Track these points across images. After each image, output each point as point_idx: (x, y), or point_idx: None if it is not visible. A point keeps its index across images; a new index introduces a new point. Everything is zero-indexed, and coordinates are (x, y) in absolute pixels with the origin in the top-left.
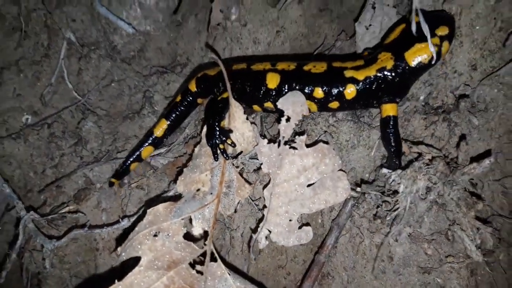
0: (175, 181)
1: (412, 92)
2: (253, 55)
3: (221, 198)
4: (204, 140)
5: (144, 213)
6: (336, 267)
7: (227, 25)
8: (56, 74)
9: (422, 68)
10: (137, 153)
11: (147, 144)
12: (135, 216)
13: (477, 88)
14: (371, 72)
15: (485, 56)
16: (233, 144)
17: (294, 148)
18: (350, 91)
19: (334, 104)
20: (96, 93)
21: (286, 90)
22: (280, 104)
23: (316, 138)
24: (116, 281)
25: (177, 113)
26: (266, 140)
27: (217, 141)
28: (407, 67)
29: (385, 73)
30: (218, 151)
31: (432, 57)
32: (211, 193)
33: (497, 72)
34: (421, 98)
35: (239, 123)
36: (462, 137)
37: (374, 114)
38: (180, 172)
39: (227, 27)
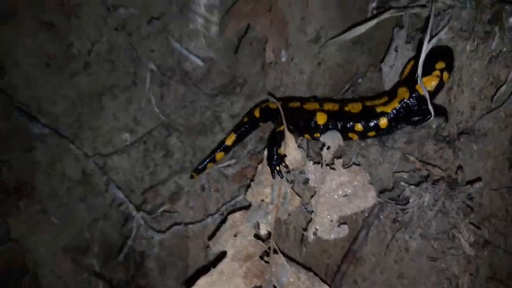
0: (243, 186)
1: (427, 122)
2: (299, 82)
3: (279, 207)
4: (265, 161)
5: (226, 217)
6: (367, 254)
7: (278, 62)
8: (144, 100)
9: (431, 94)
10: (213, 155)
11: (219, 150)
12: (216, 214)
13: (477, 122)
14: (395, 104)
15: (482, 99)
16: (286, 167)
17: (333, 168)
18: (383, 122)
19: (372, 133)
20: (176, 113)
21: (331, 126)
22: (322, 138)
23: (351, 157)
24: (211, 268)
25: (243, 129)
26: (312, 162)
27: (275, 164)
28: (419, 96)
29: (405, 102)
30: (276, 172)
31: (436, 86)
32: (272, 203)
33: (492, 111)
34: (434, 126)
35: (292, 149)
36: (462, 163)
37: (396, 138)
38: (248, 184)
39: (279, 63)
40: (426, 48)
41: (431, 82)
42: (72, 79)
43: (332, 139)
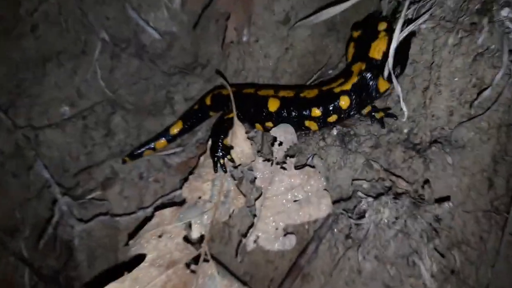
0: (185, 179)
1: (398, 125)
2: (264, 68)
3: (218, 206)
4: (208, 152)
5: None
6: (316, 270)
7: (240, 41)
8: (91, 71)
9: (387, 57)
10: (152, 143)
11: (162, 139)
12: (149, 208)
13: (454, 130)
14: (354, 79)
15: (462, 104)
16: (232, 160)
17: (284, 168)
18: (344, 102)
19: (333, 118)
20: (126, 89)
21: (284, 114)
22: (273, 132)
23: (308, 157)
24: (125, 272)
25: (193, 119)
26: (261, 158)
27: (219, 156)
28: (377, 62)
29: (364, 73)
30: (219, 165)
31: (387, 46)
32: (210, 201)
33: (473, 119)
34: (405, 131)
35: (240, 141)
36: (432, 177)
37: (361, 141)
38: (190, 173)
39: (240, 42)
40: (397, 36)
41: (382, 45)
42: (19, 41)
43: (285, 134)
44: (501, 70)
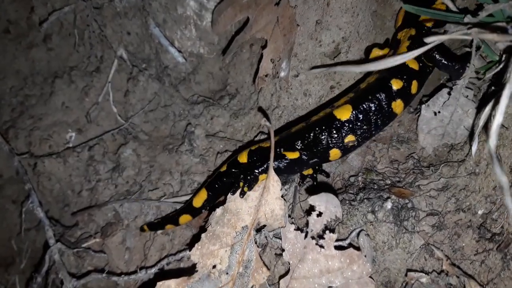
0: (197, 236)
1: (471, 203)
2: (302, 107)
3: (235, 279)
4: (229, 204)
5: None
6: None
7: (276, 75)
8: (104, 93)
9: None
10: (175, 218)
11: (185, 212)
12: (153, 268)
13: None
14: (403, 49)
15: None
16: (242, 193)
17: (321, 246)
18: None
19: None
20: (141, 116)
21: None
22: (312, 200)
23: (351, 233)
24: None
25: (220, 184)
26: (293, 226)
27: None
28: (425, 28)
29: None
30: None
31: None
32: (227, 273)
33: None
34: (479, 213)
35: (272, 198)
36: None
37: (421, 216)
38: (202, 229)
39: (277, 77)
40: (508, 93)
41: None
42: (29, 51)
43: (326, 204)
44: None
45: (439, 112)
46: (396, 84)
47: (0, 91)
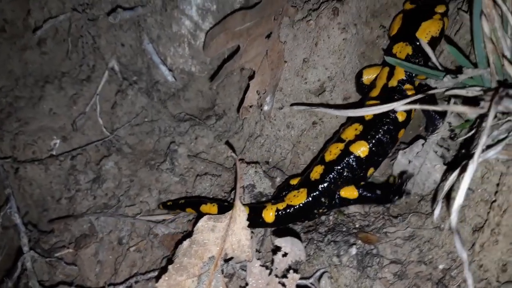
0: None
1: (433, 256)
2: (284, 138)
3: None
4: (196, 236)
5: None
6: None
7: (261, 108)
8: (92, 103)
9: (434, 41)
10: (198, 203)
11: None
12: (121, 286)
13: (502, 286)
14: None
15: None
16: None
17: (283, 285)
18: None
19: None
20: (127, 127)
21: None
22: (278, 242)
23: (315, 271)
24: None
25: None
26: (259, 262)
27: None
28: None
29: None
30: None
31: (440, 31)
32: None
33: None
34: (440, 267)
35: (239, 228)
36: None
37: (384, 263)
38: (169, 261)
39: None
40: (472, 169)
41: (435, 26)
42: (23, 53)
43: (291, 246)
44: None
45: (411, 161)
46: (401, 116)
47: None
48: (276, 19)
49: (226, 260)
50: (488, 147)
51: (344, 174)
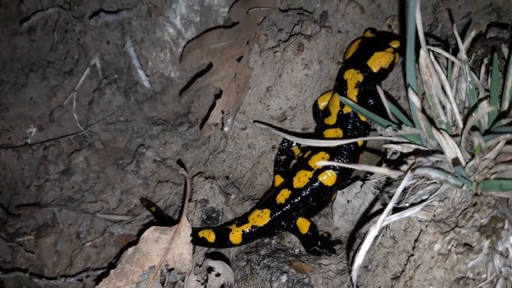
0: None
1: None
2: (245, 157)
3: None
4: (141, 245)
5: None
6: None
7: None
8: (70, 97)
9: (382, 73)
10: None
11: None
12: (73, 279)
13: None
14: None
15: None
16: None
17: None
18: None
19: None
20: (101, 124)
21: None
22: (211, 263)
23: None
24: None
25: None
26: (196, 277)
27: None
28: (371, 73)
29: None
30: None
31: (390, 64)
32: None
33: None
34: None
35: (182, 243)
36: None
37: None
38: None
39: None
40: (373, 234)
41: (386, 58)
42: (13, 37)
43: (224, 268)
44: None
45: (350, 200)
46: (360, 142)
47: None
48: (248, 44)
49: (170, 270)
50: (413, 204)
51: (310, 201)
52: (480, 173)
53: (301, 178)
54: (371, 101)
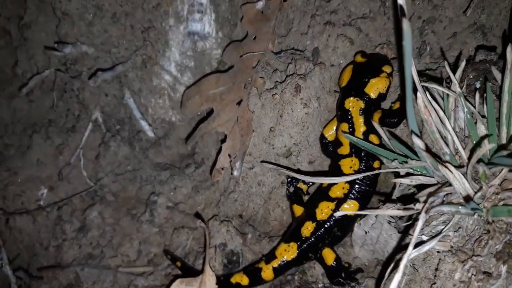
0: None
1: None
2: (256, 194)
3: None
4: None
5: None
6: None
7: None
8: (76, 154)
9: (380, 97)
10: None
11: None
12: None
13: None
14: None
15: None
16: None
17: None
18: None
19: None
20: (110, 178)
21: None
22: None
23: None
24: None
25: None
26: None
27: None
28: (371, 99)
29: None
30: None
31: (387, 88)
32: None
33: None
34: None
35: None
36: None
37: None
38: None
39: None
40: (407, 258)
41: (382, 84)
42: (11, 100)
43: None
44: None
45: (368, 232)
46: (376, 164)
47: None
48: (246, 88)
49: None
50: (430, 236)
51: (335, 231)
52: (489, 200)
53: (324, 210)
54: (393, 120)
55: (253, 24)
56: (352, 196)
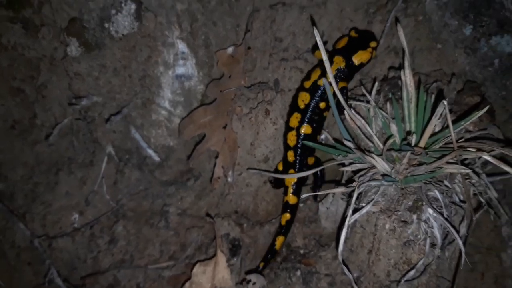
0: None
1: (351, 267)
2: (246, 193)
3: None
4: (194, 278)
5: None
6: None
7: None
8: (98, 183)
9: (361, 65)
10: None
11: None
12: None
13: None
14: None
15: (396, 269)
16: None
17: None
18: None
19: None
20: (127, 197)
21: None
22: (249, 276)
23: None
24: None
25: None
26: None
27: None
28: (353, 65)
29: (340, 68)
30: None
31: (368, 60)
32: None
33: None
34: (355, 275)
35: (221, 268)
36: None
37: (320, 278)
38: None
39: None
40: (348, 221)
41: (366, 56)
42: (33, 146)
43: (257, 278)
44: (423, 258)
45: (328, 207)
46: (322, 105)
47: (13, 179)
48: (228, 115)
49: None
50: (368, 203)
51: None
52: (401, 174)
53: (291, 138)
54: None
55: (226, 66)
56: (306, 123)
